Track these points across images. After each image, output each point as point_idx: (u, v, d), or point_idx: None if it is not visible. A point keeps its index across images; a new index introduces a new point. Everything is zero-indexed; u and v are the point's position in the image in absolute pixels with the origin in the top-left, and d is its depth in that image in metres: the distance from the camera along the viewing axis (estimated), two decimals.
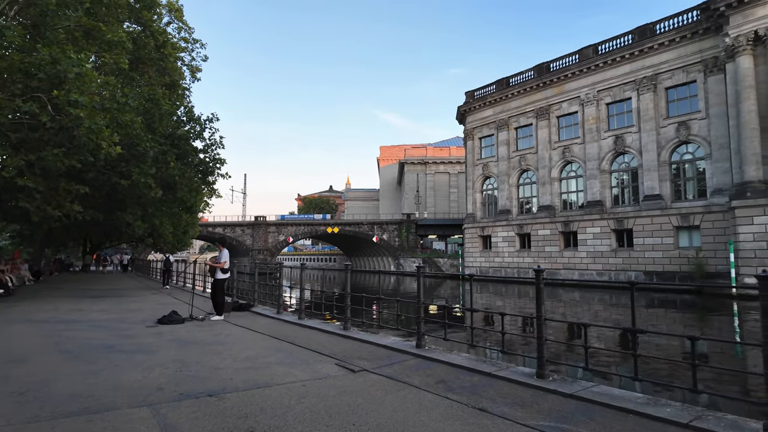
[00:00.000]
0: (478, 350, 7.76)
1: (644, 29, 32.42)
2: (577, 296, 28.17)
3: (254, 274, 12.84)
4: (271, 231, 60.87)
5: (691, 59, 30.09)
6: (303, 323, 9.29)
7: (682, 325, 18.95)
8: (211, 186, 21.47)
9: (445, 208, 71.29)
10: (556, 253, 36.82)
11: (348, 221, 65.01)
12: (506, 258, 40.73)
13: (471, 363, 5.67)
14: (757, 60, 25.50)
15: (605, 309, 23.54)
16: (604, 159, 34.51)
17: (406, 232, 58.33)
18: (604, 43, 34.92)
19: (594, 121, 35.20)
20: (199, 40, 23.22)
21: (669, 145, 31.03)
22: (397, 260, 57.84)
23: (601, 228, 34.03)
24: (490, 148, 43.99)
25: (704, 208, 28.90)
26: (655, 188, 31.38)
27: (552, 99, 38.26)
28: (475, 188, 45.10)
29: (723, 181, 28.03)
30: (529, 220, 39.25)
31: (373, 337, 7.64)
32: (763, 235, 24.06)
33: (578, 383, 4.80)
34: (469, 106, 45.29)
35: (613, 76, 34.19)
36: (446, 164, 74.99)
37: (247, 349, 7.06)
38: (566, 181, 37.69)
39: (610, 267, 33.11)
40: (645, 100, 32.12)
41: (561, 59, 37.91)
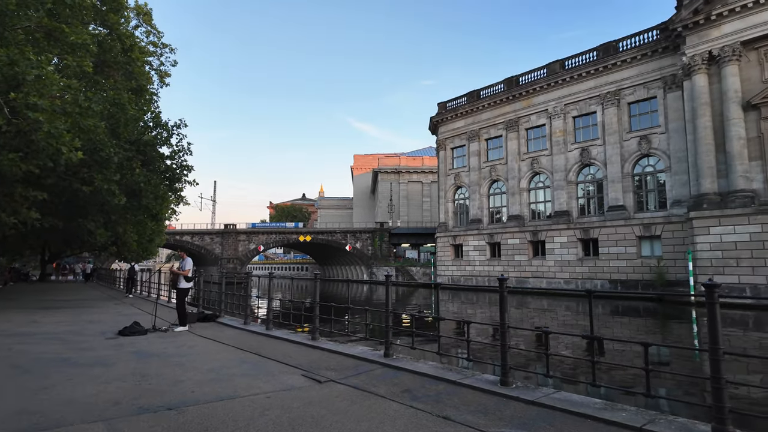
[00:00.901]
0: (446, 358, 7.82)
1: (608, 46, 33.76)
2: (546, 304, 28.74)
3: (222, 284, 12.56)
4: (241, 239, 59.80)
5: (652, 76, 31.49)
6: (270, 334, 9.15)
7: (644, 332, 19.58)
8: (178, 193, 20.95)
9: (418, 217, 71.80)
10: (525, 261, 37.55)
11: (321, 229, 64.58)
12: (477, 266, 41.26)
13: (437, 371, 5.71)
14: (712, 79, 26.89)
15: (573, 316, 24.10)
16: (571, 170, 35.56)
17: (379, 240, 58.35)
18: (571, 58, 36.16)
19: (561, 133, 36.29)
20: (168, 45, 22.76)
21: (632, 158, 32.26)
22: (370, 269, 57.73)
23: (567, 237, 34.95)
24: (462, 159, 44.68)
25: (665, 218, 30.10)
26: (619, 199, 32.51)
27: (521, 111, 39.25)
28: (447, 197, 45.64)
29: (682, 193, 29.29)
30: (499, 229, 39.94)
31: (341, 347, 7.59)
32: (719, 245, 25.22)
33: (540, 390, 4.90)
34: (441, 117, 45.97)
35: (579, 91, 35.40)
36: (419, 173, 75.68)
37: (211, 361, 6.89)
38: (534, 192, 38.60)
39: (576, 275, 33.98)
40: (609, 114, 33.37)
41: (530, 73, 39.00)
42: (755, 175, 24.97)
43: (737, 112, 25.44)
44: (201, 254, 59.89)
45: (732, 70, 25.77)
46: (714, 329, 3.58)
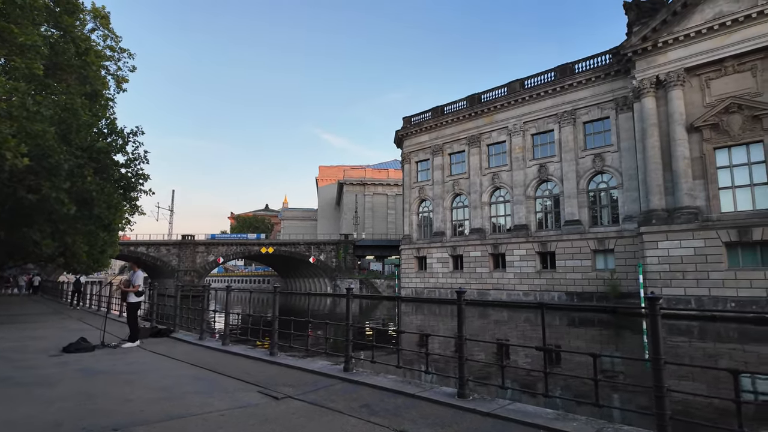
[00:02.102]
0: (406, 372, 7.84)
1: (565, 68, 35.37)
2: (506, 316, 29.33)
3: (177, 297, 12.12)
4: (199, 251, 57.99)
5: (605, 97, 33.18)
6: (227, 349, 8.89)
7: (598, 342, 20.28)
8: (133, 202, 20.14)
9: (383, 229, 71.97)
10: (486, 274, 38.28)
11: (284, 241, 63.55)
12: (440, 279, 41.70)
13: (396, 385, 5.71)
14: (659, 101, 28.62)
15: (532, 328, 24.69)
16: (530, 186, 36.76)
17: (343, 252, 58.01)
18: (530, 78, 37.61)
19: (520, 150, 37.52)
20: (127, 50, 22.03)
21: (586, 175, 33.71)
22: (334, 281, 57.21)
23: (526, 250, 35.95)
24: (426, 172, 45.35)
25: (617, 233, 31.51)
26: (574, 214, 33.82)
27: (483, 128, 40.36)
28: (411, 210, 46.08)
29: (633, 209, 30.80)
30: (461, 242, 40.61)
31: (300, 362, 7.47)
32: (666, 259, 26.61)
33: (496, 402, 4.99)
34: (407, 131, 46.60)
35: (537, 109, 36.80)
36: (385, 186, 76.08)
37: (162, 378, 6.62)
38: (495, 206, 39.60)
39: (535, 287, 34.93)
40: (565, 133, 34.82)
41: (491, 91, 40.25)
42: (698, 193, 26.61)
43: (682, 133, 27.14)
44: (157, 266, 57.60)
45: (677, 94, 27.53)
46: (656, 340, 3.77)
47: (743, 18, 25.27)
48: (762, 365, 13.98)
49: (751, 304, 23.51)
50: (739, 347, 17.64)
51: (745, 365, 13.62)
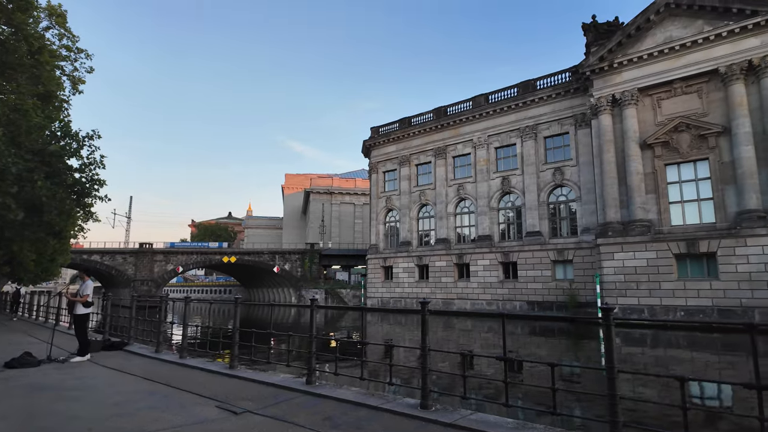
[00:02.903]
0: (370, 384, 7.79)
1: (527, 84, 36.59)
2: (470, 325, 29.70)
3: (132, 308, 11.62)
4: (158, 260, 55.95)
5: (565, 113, 34.51)
6: (184, 362, 8.58)
7: (558, 351, 20.82)
8: (87, 209, 19.23)
9: (350, 239, 71.72)
10: (451, 283, 38.73)
11: (247, 250, 62.25)
12: (406, 288, 41.86)
13: (359, 397, 5.66)
14: (615, 119, 30.02)
15: (494, 337, 25.09)
16: (493, 197, 37.63)
17: (309, 262, 57.34)
18: (494, 93, 38.68)
19: (485, 162, 38.42)
20: (84, 50, 21.15)
21: (547, 188, 34.84)
22: (298, 291, 56.38)
23: (490, 261, 36.67)
24: (394, 182, 45.66)
25: (576, 244, 32.63)
26: (535, 225, 34.81)
27: (449, 140, 41.11)
28: (378, 220, 46.19)
29: (590, 221, 32.01)
30: (427, 252, 40.99)
31: (261, 375, 7.30)
32: (622, 269, 27.74)
33: (458, 412, 5.02)
34: (374, 141, 46.85)
35: (501, 123, 37.84)
36: (352, 195, 75.99)
37: (114, 394, 6.31)
38: (460, 216, 40.26)
39: (498, 297, 35.60)
40: (527, 147, 35.94)
41: (457, 104, 41.12)
42: (651, 206, 27.96)
43: (635, 149, 28.52)
44: (112, 276, 55.14)
45: (631, 113, 28.97)
46: (610, 349, 3.91)
47: (690, 43, 26.96)
48: (708, 371, 14.72)
49: (698, 312, 24.80)
50: (687, 354, 18.52)
51: (693, 372, 14.31)
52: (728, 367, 15.12)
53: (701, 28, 26.73)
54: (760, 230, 23.68)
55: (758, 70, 24.94)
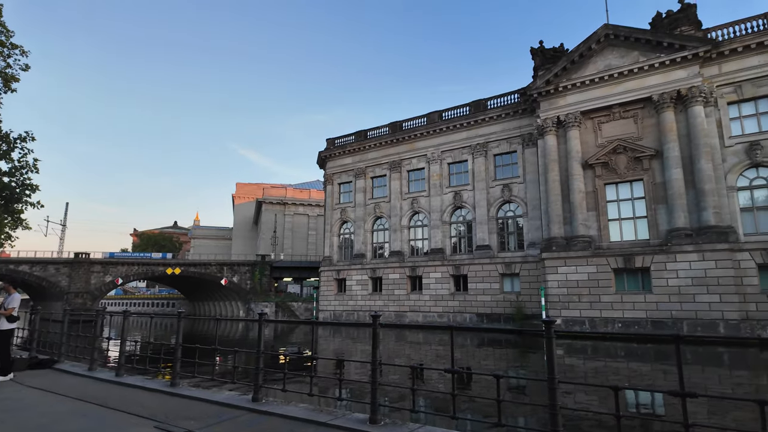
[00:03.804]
0: (320, 399, 7.65)
1: (478, 103, 37.94)
2: (421, 338, 29.93)
3: (64, 322, 10.82)
4: (95, 270, 52.60)
5: (513, 133, 36.02)
6: (122, 381, 8.07)
7: (505, 362, 21.39)
8: (17, 215, 17.84)
9: (303, 251, 70.67)
10: (403, 296, 38.99)
11: (193, 261, 59.77)
12: (359, 301, 41.67)
13: (307, 414, 5.55)
14: (559, 140, 31.66)
15: (445, 349, 25.40)
16: (445, 211, 38.46)
17: (259, 274, 55.85)
18: (448, 110, 39.80)
19: (438, 177, 39.28)
20: (20, 46, 19.84)
21: (496, 203, 36.06)
22: (247, 305, 54.67)
23: (442, 273, 37.30)
24: (349, 194, 45.63)
25: (522, 258, 33.86)
26: (485, 239, 35.86)
27: (404, 154, 41.75)
28: (332, 232, 45.87)
29: (536, 236, 33.37)
30: (381, 264, 41.11)
31: (204, 393, 6.99)
32: (565, 283, 29.04)
33: (407, 426, 5.04)
34: (330, 153, 46.74)
35: (454, 140, 38.92)
36: (306, 206, 75.12)
37: (40, 416, 5.83)
38: (414, 229, 40.79)
39: (449, 309, 36.19)
40: (478, 163, 37.13)
41: (412, 120, 41.93)
42: (591, 223, 29.57)
43: (578, 169, 30.16)
44: (42, 287, 51.19)
45: (574, 134, 30.67)
46: (551, 360, 4.08)
47: (627, 72, 29.04)
48: (643, 380, 15.62)
49: (634, 324, 26.33)
50: (624, 365, 19.56)
51: (629, 381, 15.13)
52: (661, 376, 16.11)
53: (637, 58, 28.88)
54: (687, 247, 25.60)
55: (686, 99, 27.20)
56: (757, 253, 24.47)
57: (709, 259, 24.98)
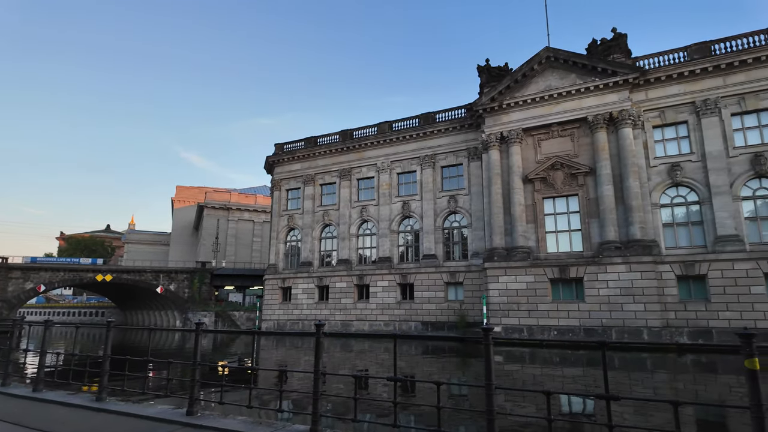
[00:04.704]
0: (261, 411, 7.42)
1: (427, 116, 38.84)
2: (367, 346, 29.89)
3: None
4: (14, 276, 48.17)
5: (460, 146, 37.16)
6: (40, 396, 7.43)
7: (449, 370, 21.80)
8: None
9: (247, 258, 68.62)
10: (350, 304, 38.81)
11: (127, 268, 56.31)
12: (305, 310, 40.99)
13: (246, 426, 5.38)
14: (502, 154, 33.02)
15: (391, 358, 25.51)
16: (394, 221, 38.88)
17: (199, 282, 53.47)
18: (398, 121, 40.40)
19: (387, 186, 39.68)
20: None
21: (442, 214, 36.94)
22: (185, 314, 52.10)
23: (389, 282, 37.56)
24: (297, 201, 44.96)
25: (466, 267, 34.83)
26: (431, 249, 36.56)
27: (354, 163, 41.83)
28: (279, 239, 44.92)
29: (479, 246, 34.46)
30: (328, 272, 40.73)
31: (134, 407, 6.58)
32: (505, 291, 30.16)
33: None
34: (278, 158, 45.92)
35: (403, 151, 39.54)
36: (251, 212, 73.15)
37: None
38: (362, 238, 40.84)
39: (395, 318, 36.45)
40: (426, 175, 37.93)
41: (363, 129, 42.16)
42: (530, 235, 30.97)
43: (519, 183, 31.57)
44: None
45: (516, 150, 32.11)
46: (488, 367, 4.22)
47: (565, 93, 30.88)
48: (576, 385, 16.47)
49: (568, 332, 27.75)
50: (559, 371, 20.54)
51: (563, 386, 15.89)
52: (591, 381, 17.07)
53: (574, 80, 30.80)
54: (616, 259, 27.43)
55: (617, 121, 29.31)
56: (677, 266, 26.67)
57: (635, 270, 26.90)
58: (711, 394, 14.67)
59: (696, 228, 27.34)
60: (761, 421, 3.43)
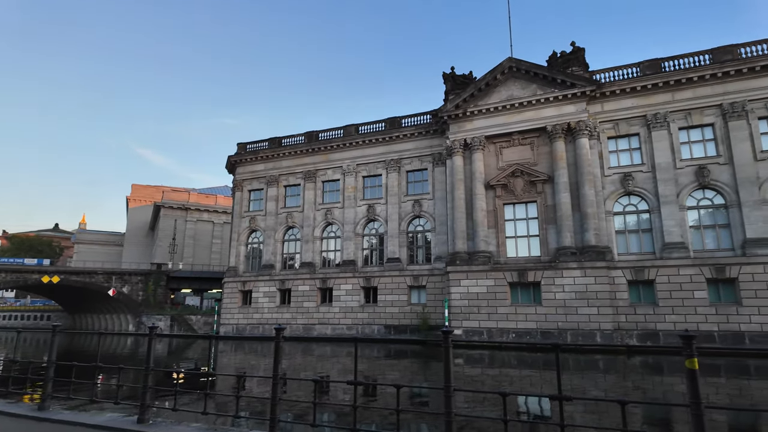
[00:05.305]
0: (216, 418, 7.21)
1: (393, 121, 39.10)
2: (329, 351, 29.65)
3: None
4: None
5: (425, 151, 37.60)
6: None
7: (410, 373, 21.92)
8: None
9: (206, 260, 66.69)
10: (313, 308, 38.39)
11: (76, 269, 53.50)
12: (266, 314, 40.19)
13: None
14: (466, 161, 33.66)
15: (351, 362, 25.38)
16: (359, 224, 38.82)
17: (154, 285, 51.48)
18: (365, 125, 40.44)
19: (352, 189, 39.60)
20: None
21: (407, 218, 37.22)
22: (138, 318, 50.00)
23: (352, 285, 37.43)
24: (259, 202, 44.10)
25: (429, 271, 35.21)
26: (395, 252, 36.75)
27: (319, 165, 41.51)
28: (240, 241, 43.90)
29: (442, 250, 34.93)
30: (291, 275, 40.15)
31: (81, 416, 6.26)
32: (467, 295, 30.68)
33: None
34: (241, 158, 44.94)
35: (369, 154, 39.60)
36: (211, 213, 71.23)
37: None
38: (326, 241, 40.53)
39: (358, 321, 36.34)
40: (391, 179, 38.14)
41: (329, 131, 41.93)
42: (491, 240, 31.68)
43: (481, 189, 32.27)
44: None
45: (479, 156, 32.82)
46: (447, 369, 4.28)
47: (526, 103, 31.86)
48: (533, 386, 16.93)
49: (526, 334, 28.53)
50: (516, 372, 21.07)
51: (520, 387, 16.31)
52: (547, 382, 17.60)
53: (535, 91, 31.83)
54: (572, 264, 28.46)
55: (574, 131, 30.48)
56: (628, 271, 27.95)
57: (589, 275, 27.99)
58: (657, 393, 15.44)
59: (646, 235, 28.78)
60: (700, 418, 3.65)
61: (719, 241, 27.15)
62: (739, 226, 26.46)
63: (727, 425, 10.46)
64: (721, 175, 27.40)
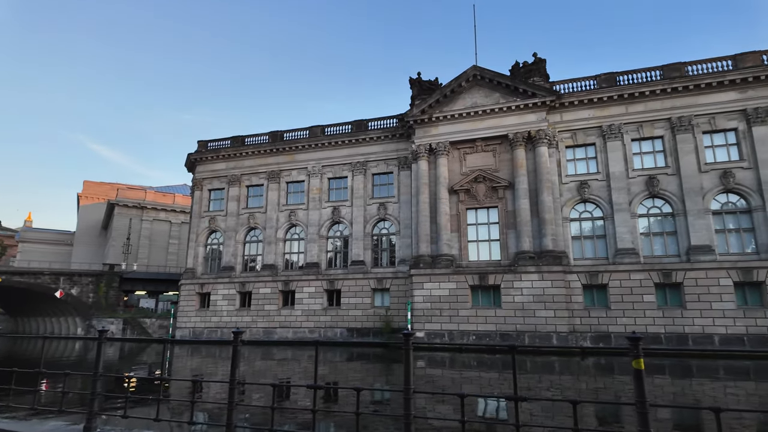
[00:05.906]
0: (170, 424, 6.96)
1: (360, 123, 39.10)
2: (290, 354, 29.19)
3: None
4: None
5: (391, 155, 37.79)
6: None
7: (372, 376, 21.90)
8: None
9: (162, 261, 64.29)
10: (274, 311, 37.73)
11: (19, 269, 50.39)
12: (225, 317, 39.16)
13: None
14: (431, 165, 34.08)
15: (313, 365, 25.06)
16: (323, 226, 38.52)
17: (106, 286, 49.14)
18: (331, 126, 40.22)
19: (317, 191, 39.28)
20: None
21: (372, 220, 37.26)
22: (88, 321, 47.56)
23: (315, 288, 37.06)
24: (220, 202, 42.99)
25: (393, 274, 35.37)
26: (360, 255, 36.68)
27: (283, 165, 40.93)
28: (198, 241, 42.60)
29: (406, 254, 35.17)
30: (252, 278, 39.32)
31: (22, 425, 5.90)
32: (429, 298, 31.01)
33: None
34: (201, 156, 43.69)
35: (335, 156, 39.40)
36: (168, 212, 68.76)
37: None
38: (290, 243, 39.97)
39: (321, 324, 36.00)
40: (357, 181, 38.09)
41: (294, 131, 41.42)
42: (454, 243, 32.19)
43: (445, 193, 32.75)
44: None
45: (443, 161, 33.31)
46: (407, 372, 4.31)
47: (489, 110, 32.63)
48: (492, 388, 17.28)
49: (485, 336, 29.12)
50: (476, 374, 21.45)
51: (480, 389, 16.62)
52: (505, 384, 18.01)
53: (498, 99, 32.65)
54: (530, 268, 29.31)
55: (534, 140, 31.45)
56: (583, 275, 29.06)
57: (547, 279, 28.91)
58: (608, 392, 16.11)
59: (600, 241, 30.03)
60: (645, 416, 3.84)
61: (667, 248, 28.70)
62: (685, 233, 28.06)
63: (671, 422, 11.04)
64: (669, 185, 28.98)
